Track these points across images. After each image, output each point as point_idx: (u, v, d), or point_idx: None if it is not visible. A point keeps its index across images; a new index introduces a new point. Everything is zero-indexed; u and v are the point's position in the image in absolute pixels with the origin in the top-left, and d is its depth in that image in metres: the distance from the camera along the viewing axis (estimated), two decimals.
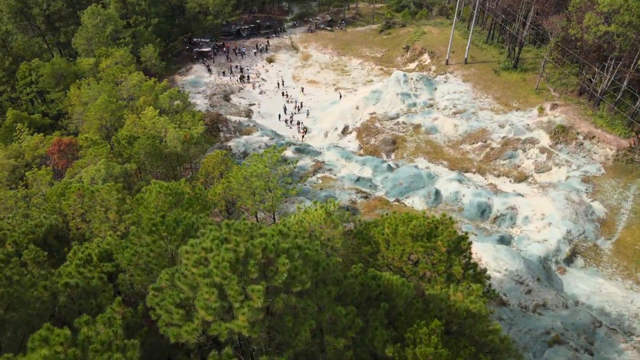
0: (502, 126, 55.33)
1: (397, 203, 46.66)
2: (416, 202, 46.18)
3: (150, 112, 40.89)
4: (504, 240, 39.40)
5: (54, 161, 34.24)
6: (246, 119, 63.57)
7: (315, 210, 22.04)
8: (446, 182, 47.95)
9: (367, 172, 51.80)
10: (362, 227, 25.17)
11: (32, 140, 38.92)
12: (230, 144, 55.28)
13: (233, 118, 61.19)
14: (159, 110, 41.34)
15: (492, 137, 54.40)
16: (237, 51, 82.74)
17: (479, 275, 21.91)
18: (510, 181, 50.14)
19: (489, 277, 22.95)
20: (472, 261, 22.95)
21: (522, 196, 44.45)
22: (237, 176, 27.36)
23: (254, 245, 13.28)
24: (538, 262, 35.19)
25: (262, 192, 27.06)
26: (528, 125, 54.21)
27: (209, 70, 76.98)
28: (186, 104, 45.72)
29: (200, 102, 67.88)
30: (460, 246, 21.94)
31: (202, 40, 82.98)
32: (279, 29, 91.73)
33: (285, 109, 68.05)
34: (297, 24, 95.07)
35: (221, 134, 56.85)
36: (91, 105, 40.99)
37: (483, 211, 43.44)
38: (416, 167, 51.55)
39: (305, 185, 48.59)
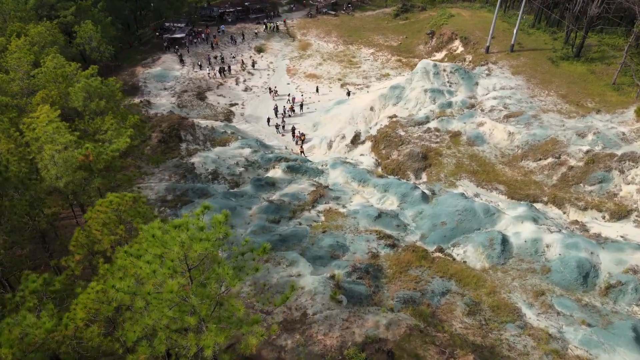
0: (581, 135, 38.90)
1: (440, 255, 30.29)
2: (471, 255, 29.80)
3: (45, 116, 24.55)
4: (639, 335, 22.97)
5: None
6: (223, 123, 47.26)
7: None
8: (515, 223, 31.53)
9: (391, 204, 35.40)
10: None
11: None
12: (195, 160, 38.91)
13: (203, 122, 44.82)
14: (59, 112, 25.02)
15: (568, 151, 37.97)
16: (217, 32, 66.38)
17: None
18: (604, 217, 33.71)
19: None
20: None
21: None
22: (125, 268, 11.15)
23: None
24: None
25: (180, 320, 10.99)
26: (623, 134, 37.81)
27: (182, 60, 60.72)
28: (113, 101, 29.43)
29: (166, 102, 51.71)
30: None
31: (175, 24, 66.72)
32: (272, 14, 75.49)
33: (276, 111, 51.75)
34: (294, 8, 78.86)
35: (183, 146, 40.45)
36: None
37: (586, 275, 27.00)
38: (463, 195, 35.14)
39: (300, 224, 32.21)
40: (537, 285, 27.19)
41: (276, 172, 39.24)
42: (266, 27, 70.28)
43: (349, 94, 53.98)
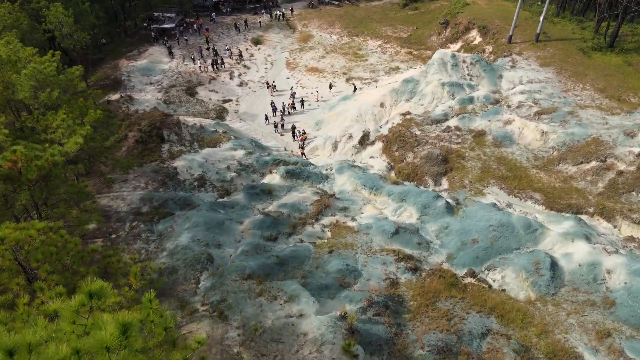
0: (630, 134, 33.37)
1: (472, 281, 24.76)
2: (512, 282, 24.25)
3: None
4: None
5: None
6: (214, 121, 41.75)
7: None
8: (563, 241, 25.98)
9: (409, 216, 29.83)
10: None
11: None
12: (178, 163, 33.36)
13: (191, 120, 39.31)
14: None
15: (615, 153, 32.42)
16: (210, 23, 60.80)
17: None
18: None
19: None
20: None
21: None
22: None
23: None
24: None
25: None
26: None
27: (171, 53, 55.22)
28: (72, 93, 23.95)
29: (151, 97, 46.17)
30: None
31: (165, 14, 61.27)
32: (271, 3, 69.99)
33: (274, 108, 46.20)
34: None
35: (165, 147, 34.89)
36: None
37: None
38: (495, 206, 29.60)
39: (301, 242, 26.66)
40: (600, 323, 21.66)
41: (273, 178, 33.71)
42: (271, 16, 65.41)
43: (355, 89, 48.44)
